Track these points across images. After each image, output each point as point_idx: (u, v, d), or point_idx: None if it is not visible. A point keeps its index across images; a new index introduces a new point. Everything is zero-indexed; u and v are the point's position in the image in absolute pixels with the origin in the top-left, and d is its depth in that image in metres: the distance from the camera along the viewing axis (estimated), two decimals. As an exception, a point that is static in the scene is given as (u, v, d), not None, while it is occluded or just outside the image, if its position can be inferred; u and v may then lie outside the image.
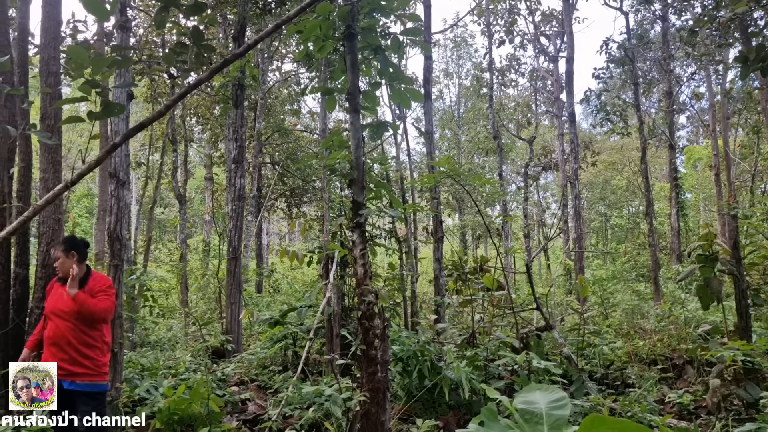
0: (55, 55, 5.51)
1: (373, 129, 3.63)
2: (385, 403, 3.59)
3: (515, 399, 1.89)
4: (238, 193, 9.71)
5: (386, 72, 3.57)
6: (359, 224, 3.48)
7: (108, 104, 2.87)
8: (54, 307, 4.17)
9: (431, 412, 5.68)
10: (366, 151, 5.65)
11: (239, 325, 9.35)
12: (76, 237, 4.49)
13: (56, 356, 4.12)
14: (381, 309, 3.59)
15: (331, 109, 3.81)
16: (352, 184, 3.50)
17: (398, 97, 3.57)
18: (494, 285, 6.12)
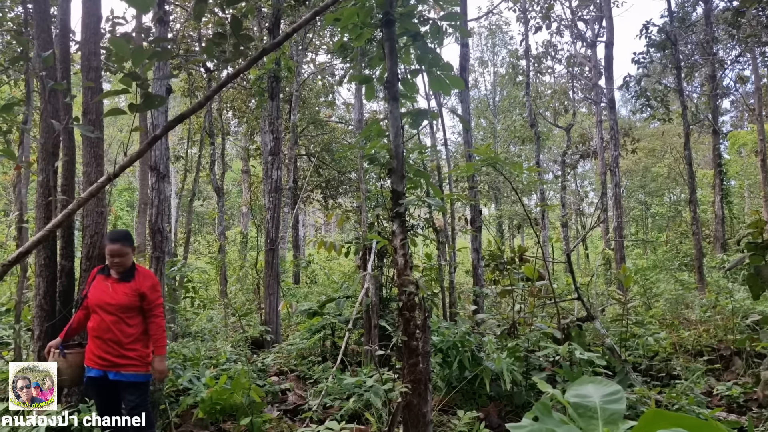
0: (95, 51, 5.58)
1: (412, 117, 3.57)
2: (427, 395, 3.56)
3: (567, 392, 1.83)
4: (275, 185, 9.77)
5: (425, 59, 3.51)
6: (399, 214, 3.43)
7: (149, 96, 2.88)
8: (99, 299, 4.23)
9: (471, 403, 5.63)
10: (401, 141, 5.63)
11: (278, 315, 9.43)
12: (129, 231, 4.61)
13: (101, 348, 4.20)
14: (422, 300, 3.55)
15: (370, 97, 3.77)
16: (391, 174, 3.45)
17: (438, 85, 3.51)
18: (535, 275, 6.02)
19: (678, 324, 9.01)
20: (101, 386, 4.28)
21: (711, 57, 19.79)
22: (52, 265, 5.34)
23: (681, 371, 6.86)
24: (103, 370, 4.19)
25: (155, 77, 5.38)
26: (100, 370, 4.20)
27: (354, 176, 21.73)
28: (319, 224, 48.21)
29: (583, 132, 29.89)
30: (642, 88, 19.89)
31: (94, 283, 4.37)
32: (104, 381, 4.23)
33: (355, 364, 7.37)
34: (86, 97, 5.39)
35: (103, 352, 4.17)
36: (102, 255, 5.38)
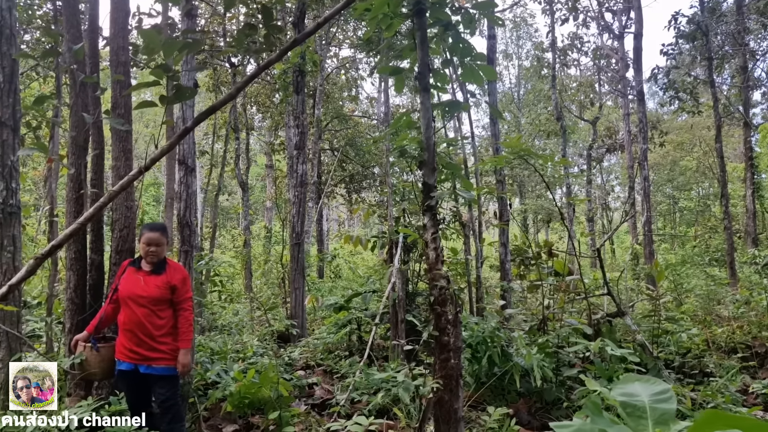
0: (124, 45, 5.59)
1: (444, 108, 3.51)
2: (459, 391, 3.50)
3: (613, 391, 1.76)
4: (300, 179, 9.76)
5: (457, 49, 3.44)
6: (430, 207, 3.37)
7: (179, 88, 2.85)
8: (130, 292, 4.25)
9: (500, 399, 5.56)
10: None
11: (303, 309, 9.43)
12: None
13: (132, 341, 4.22)
14: (453, 294, 3.49)
15: (400, 89, 3.71)
16: (423, 166, 3.39)
17: (470, 75, 3.44)
18: (565, 270, 5.92)
19: (710, 320, 8.83)
20: (132, 379, 4.30)
21: (742, 48, 19.32)
22: (82, 259, 5.38)
23: (714, 368, 6.71)
24: (134, 364, 4.21)
25: (184, 70, 5.37)
26: (131, 363, 4.22)
27: (377, 171, 21.70)
28: (341, 219, 48.30)
29: (610, 125, 29.46)
30: (670, 80, 19.52)
31: (125, 276, 4.39)
32: (135, 374, 4.25)
33: (382, 358, 7.35)
34: (115, 91, 5.41)
35: (134, 345, 4.18)
36: (131, 249, 5.41)
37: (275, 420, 4.91)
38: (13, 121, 3.94)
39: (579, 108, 26.56)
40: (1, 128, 3.92)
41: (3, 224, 3.96)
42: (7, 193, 3.97)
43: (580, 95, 26.29)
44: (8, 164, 3.96)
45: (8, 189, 3.97)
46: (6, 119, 3.92)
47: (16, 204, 4.05)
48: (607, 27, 21.91)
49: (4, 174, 3.94)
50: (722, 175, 13.73)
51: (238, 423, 5.34)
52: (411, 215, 7.40)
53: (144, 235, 4.34)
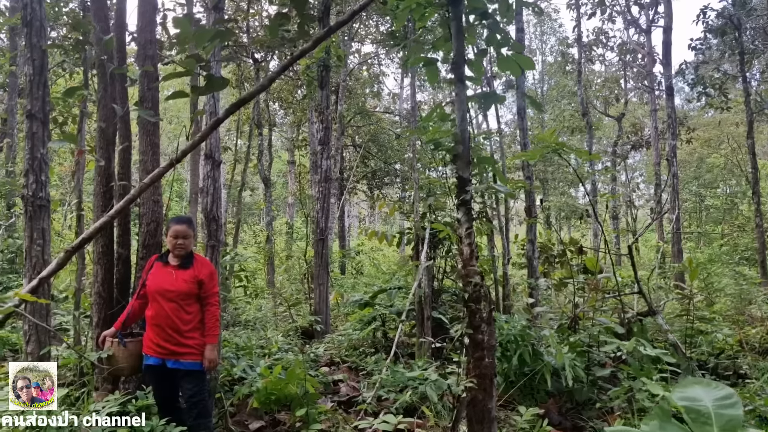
0: (151, 39, 5.57)
1: (480, 99, 3.41)
2: (492, 390, 3.41)
3: (673, 395, 1.66)
4: (324, 174, 9.70)
5: (494, 39, 3.34)
6: (465, 201, 3.28)
7: (211, 78, 2.80)
8: (158, 287, 4.22)
9: (529, 398, 5.45)
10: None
11: (327, 306, 9.38)
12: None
13: (159, 336, 4.20)
14: (487, 291, 3.39)
15: (433, 80, 3.61)
16: (457, 159, 3.30)
17: (506, 65, 3.34)
18: (597, 267, 5.78)
19: (743, 321, 8.62)
20: (159, 374, 4.28)
21: (774, 42, 18.86)
22: (109, 253, 5.37)
23: (749, 370, 6.53)
24: (161, 358, 4.19)
25: (212, 60, 5.32)
26: (159, 358, 4.20)
27: (399, 167, 21.62)
28: (362, 215, 48.29)
29: (635, 121, 29.02)
30: (699, 76, 19.13)
31: (153, 271, 4.37)
32: (162, 369, 4.23)
33: (407, 356, 7.27)
34: (142, 85, 5.38)
35: (161, 340, 4.16)
36: (158, 243, 5.39)
37: (302, 417, 4.85)
38: (42, 113, 3.92)
39: (604, 104, 26.21)
40: (31, 120, 3.90)
41: (33, 217, 3.95)
42: (37, 186, 3.96)
43: (605, 91, 25.94)
44: (38, 157, 3.94)
45: (38, 182, 3.96)
46: (36, 111, 3.90)
47: (46, 197, 4.03)
48: (633, 21, 21.54)
49: (34, 167, 3.93)
50: (754, 172, 13.42)
51: (264, 419, 5.30)
52: (437, 211, 7.31)
53: (171, 228, 4.33)
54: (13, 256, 10.16)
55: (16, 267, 10.40)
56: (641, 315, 6.74)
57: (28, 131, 3.90)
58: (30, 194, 3.94)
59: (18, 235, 10.56)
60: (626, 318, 6.12)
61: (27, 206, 3.94)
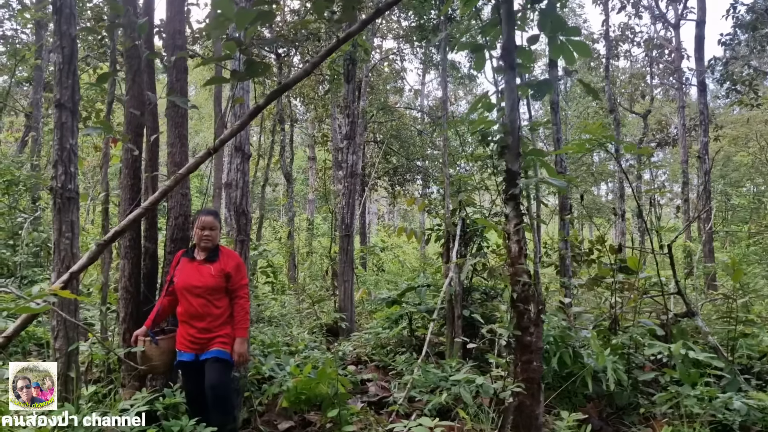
0: (180, 29, 5.45)
1: (533, 88, 3.22)
2: (540, 395, 3.24)
3: None
4: (350, 169, 9.55)
5: (546, 23, 3.15)
6: (514, 196, 3.10)
7: (252, 63, 2.65)
8: (186, 283, 4.13)
9: (566, 402, 5.25)
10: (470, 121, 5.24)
11: (352, 303, 9.24)
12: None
13: (191, 332, 4.11)
14: (536, 291, 3.21)
15: (480, 67, 3.44)
16: (505, 152, 3.12)
17: (560, 52, 3.15)
18: (639, 267, 5.56)
19: (783, 323, 8.31)
20: (192, 370, 4.19)
21: (807, 38, 18.35)
22: (136, 247, 5.26)
23: (795, 375, 6.27)
24: (194, 353, 4.11)
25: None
26: (192, 353, 4.11)
27: (420, 163, 21.41)
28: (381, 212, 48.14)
29: (661, 118, 28.51)
30: (728, 72, 18.68)
31: (180, 267, 4.28)
32: (195, 365, 4.14)
33: (436, 354, 7.10)
34: (171, 76, 5.27)
35: (194, 336, 4.08)
36: (186, 237, 5.27)
37: (333, 418, 4.71)
38: (71, 103, 3.81)
39: (629, 101, 25.76)
40: (60, 110, 3.79)
41: (62, 209, 3.84)
42: (66, 178, 3.84)
43: (630, 87, 25.49)
44: (67, 147, 3.83)
45: (67, 173, 3.85)
46: (65, 101, 3.79)
47: (75, 189, 3.92)
48: (662, 16, 21.11)
49: (63, 157, 3.81)
50: (789, 170, 13.00)
51: (294, 419, 5.16)
52: (468, 207, 7.12)
53: (198, 220, 4.26)
54: (38, 249, 10.15)
55: (40, 260, 10.39)
56: (679, 316, 6.51)
57: (57, 121, 3.79)
58: (59, 186, 3.83)
59: (42, 229, 10.54)
60: (663, 319, 5.89)
61: (56, 198, 3.83)
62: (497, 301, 7.39)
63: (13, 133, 19.26)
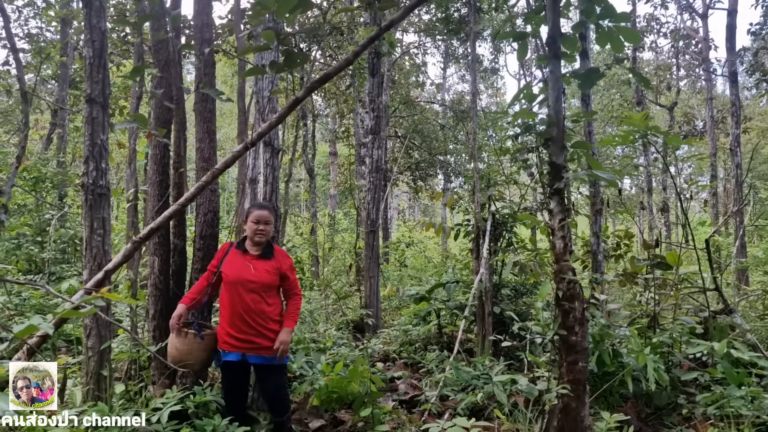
0: (207, 23, 5.39)
1: (580, 78, 3.09)
2: (585, 397, 3.12)
3: None
4: (375, 164, 9.45)
5: (592, 10, 3.02)
6: (559, 190, 2.98)
7: (290, 54, 2.55)
8: (238, 277, 4.01)
9: (602, 402, 5.11)
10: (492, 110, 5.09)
11: (378, 299, 9.15)
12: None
13: (240, 329, 3.98)
14: (581, 289, 3.09)
15: (523, 56, 3.31)
16: (550, 144, 3.00)
17: (607, 39, 3.01)
18: (678, 262, 5.39)
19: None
20: (237, 370, 4.10)
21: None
22: (165, 244, 5.22)
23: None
24: (242, 353, 3.99)
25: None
26: (239, 353, 3.99)
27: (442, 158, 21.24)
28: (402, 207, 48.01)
29: (688, 111, 28.00)
30: (758, 62, 18.23)
31: (229, 259, 4.13)
32: (241, 365, 4.05)
33: (466, 352, 6.99)
34: (199, 71, 5.21)
35: (242, 333, 3.95)
36: (215, 234, 5.22)
37: (365, 417, 4.62)
38: (102, 97, 3.75)
39: (655, 93, 25.32)
40: (91, 105, 3.74)
41: (93, 206, 3.79)
42: (97, 174, 3.79)
43: (655, 79, 25.05)
44: (98, 143, 3.77)
45: (98, 169, 3.79)
46: (95, 96, 3.73)
47: (106, 185, 3.87)
48: (689, 6, 20.69)
49: (94, 153, 3.76)
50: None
51: (325, 417, 5.09)
52: (498, 201, 6.99)
53: (252, 213, 4.13)
54: (65, 246, 10.20)
55: (67, 257, 10.45)
56: (716, 313, 6.33)
57: (88, 116, 3.73)
58: (90, 182, 3.78)
59: (69, 225, 10.60)
60: (707, 316, 5.71)
61: (87, 195, 3.77)
62: (529, 297, 7.26)
63: (38, 130, 19.45)
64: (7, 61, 17.61)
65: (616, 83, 26.66)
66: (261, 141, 5.44)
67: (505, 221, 6.87)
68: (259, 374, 4.10)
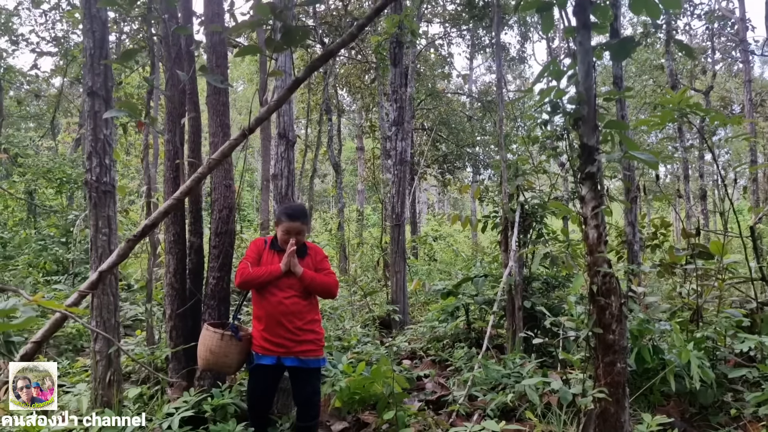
0: (218, 12, 5.21)
1: (612, 49, 2.79)
2: (625, 401, 2.84)
3: None
4: (399, 157, 9.21)
5: (625, -27, 2.73)
6: (591, 175, 2.70)
7: (289, 30, 2.32)
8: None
9: (642, 401, 4.80)
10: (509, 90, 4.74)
11: (405, 294, 8.92)
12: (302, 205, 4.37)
13: (276, 332, 3.79)
14: (618, 283, 2.81)
15: (548, 29, 3.03)
16: (580, 124, 2.72)
17: (642, 5, 2.71)
18: (723, 251, 5.03)
19: None
20: (270, 374, 3.89)
21: None
22: (181, 242, 5.07)
23: None
24: (277, 357, 3.79)
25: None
26: (274, 357, 3.79)
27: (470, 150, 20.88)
28: (431, 201, 47.67)
29: (724, 95, 27.11)
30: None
31: (265, 259, 3.93)
32: (276, 369, 3.86)
33: (495, 348, 6.71)
34: (210, 62, 5.02)
35: (279, 337, 3.76)
36: (231, 231, 5.04)
37: (389, 420, 4.40)
38: (104, 90, 3.58)
39: (689, 77, 24.53)
40: (93, 98, 3.57)
41: (97, 204, 3.62)
42: (101, 170, 3.62)
43: (690, 63, 24.25)
44: (101, 138, 3.60)
45: (102, 165, 3.62)
46: (97, 88, 3.56)
47: (111, 182, 3.70)
48: (724, -15, 19.91)
49: (97, 149, 3.59)
50: None
51: (348, 419, 4.88)
52: (526, 192, 6.68)
53: (282, 224, 3.89)
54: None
55: (93, 257, 10.42)
56: (763, 304, 5.95)
57: (90, 110, 3.57)
58: (93, 179, 3.61)
59: (95, 225, 10.58)
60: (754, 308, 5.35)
61: (91, 192, 3.61)
62: (561, 290, 6.95)
63: (70, 133, 19.66)
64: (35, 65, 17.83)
65: (648, 68, 25.94)
66: (276, 134, 5.25)
67: (535, 212, 6.57)
68: (295, 377, 3.91)
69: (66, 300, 2.16)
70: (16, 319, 1.20)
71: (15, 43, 17.24)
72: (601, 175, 2.77)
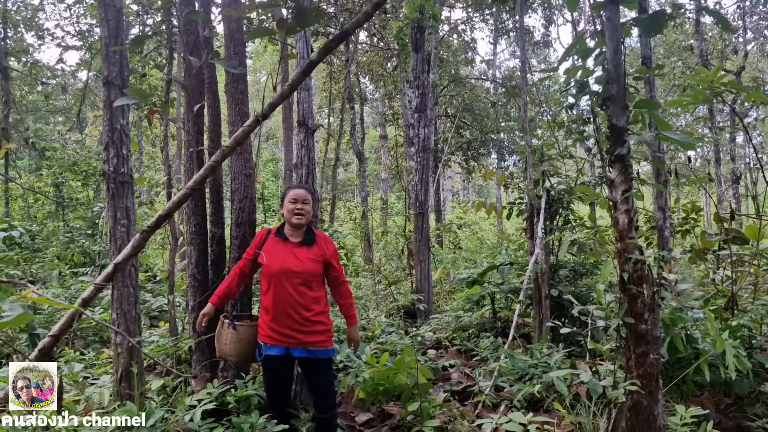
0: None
1: (642, 24, 2.65)
2: (658, 393, 2.72)
3: None
4: (422, 144, 9.08)
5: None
6: (620, 157, 2.57)
7: (301, 11, 2.23)
8: (282, 267, 3.73)
9: (675, 391, 4.65)
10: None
11: (430, 283, 8.82)
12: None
13: (283, 323, 3.71)
14: (650, 270, 2.68)
15: (574, 6, 2.91)
16: (609, 104, 2.59)
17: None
18: (760, 236, 4.83)
19: None
20: (281, 365, 3.83)
21: None
22: (203, 233, 5.03)
23: None
24: (285, 347, 3.73)
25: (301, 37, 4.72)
26: (282, 347, 3.73)
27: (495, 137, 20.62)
28: (456, 188, 47.40)
29: (756, 75, 26.37)
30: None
31: (269, 247, 3.84)
32: (285, 360, 3.78)
33: (522, 337, 6.59)
34: (228, 50, 4.96)
35: (287, 328, 3.68)
36: (252, 220, 4.99)
37: (414, 411, 4.32)
38: (120, 79, 3.53)
39: (720, 58, 23.88)
40: (109, 88, 3.52)
41: (115, 195, 3.59)
42: (118, 161, 3.58)
43: (721, 43, 23.62)
44: (117, 128, 3.56)
45: (119, 156, 3.58)
46: (113, 78, 3.51)
47: (128, 172, 3.65)
48: (756, -39, 19.28)
49: (114, 139, 3.55)
50: None
51: (372, 411, 4.82)
52: (552, 177, 6.53)
53: (288, 193, 3.87)
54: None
55: (119, 249, 10.51)
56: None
57: (106, 100, 3.52)
58: (111, 170, 3.57)
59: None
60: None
61: (108, 183, 3.57)
62: (589, 278, 6.80)
63: (97, 126, 19.86)
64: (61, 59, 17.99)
65: (677, 50, 25.32)
66: (296, 122, 5.18)
67: (561, 197, 6.41)
68: (306, 369, 3.84)
69: (83, 293, 2.12)
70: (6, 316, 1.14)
71: (41, 38, 17.45)
72: (631, 158, 2.65)
